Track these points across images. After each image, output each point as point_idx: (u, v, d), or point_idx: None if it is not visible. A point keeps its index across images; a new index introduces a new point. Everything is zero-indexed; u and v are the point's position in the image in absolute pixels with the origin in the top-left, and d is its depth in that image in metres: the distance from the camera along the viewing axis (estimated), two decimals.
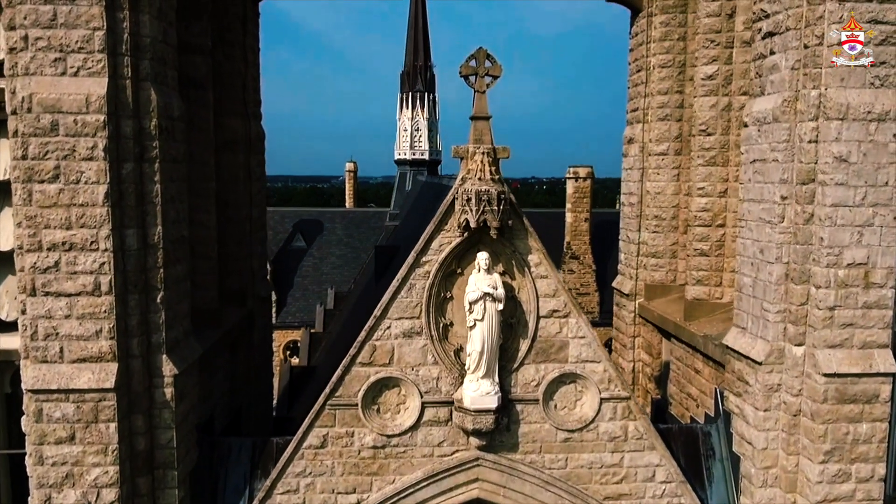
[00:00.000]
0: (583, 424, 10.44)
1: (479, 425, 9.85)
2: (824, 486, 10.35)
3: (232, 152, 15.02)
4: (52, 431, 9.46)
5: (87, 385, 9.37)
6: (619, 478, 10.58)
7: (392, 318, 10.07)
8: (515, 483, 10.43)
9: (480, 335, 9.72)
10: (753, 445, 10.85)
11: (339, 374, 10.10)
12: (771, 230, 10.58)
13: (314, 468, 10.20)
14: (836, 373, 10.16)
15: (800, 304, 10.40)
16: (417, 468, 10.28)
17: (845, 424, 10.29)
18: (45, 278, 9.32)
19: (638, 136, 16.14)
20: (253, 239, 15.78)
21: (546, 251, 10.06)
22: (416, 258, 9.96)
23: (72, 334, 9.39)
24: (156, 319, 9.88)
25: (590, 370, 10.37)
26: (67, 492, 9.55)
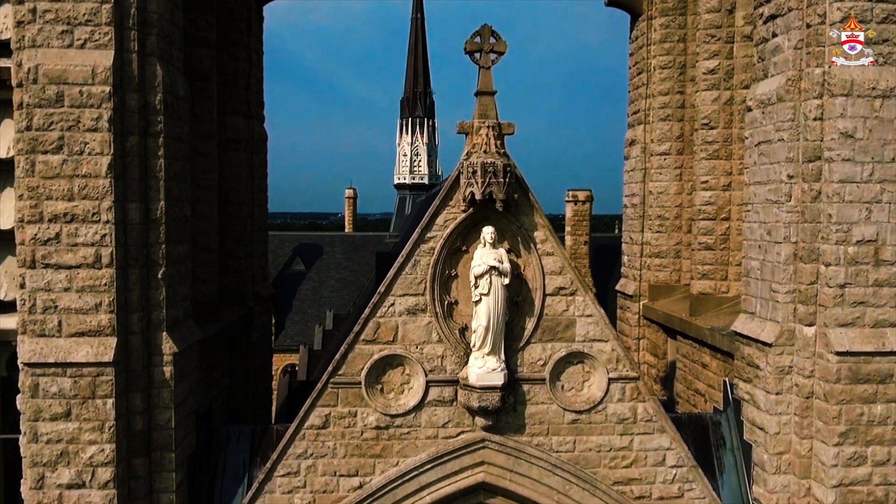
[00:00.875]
0: (591, 405, 10.20)
1: (485, 403, 9.62)
2: (839, 470, 10.08)
3: (234, 150, 15.05)
4: (47, 407, 9.22)
5: (84, 359, 9.17)
6: (628, 461, 10.30)
7: (396, 295, 9.92)
8: (522, 467, 10.15)
9: (486, 310, 9.56)
10: (765, 431, 10.59)
11: (342, 351, 9.91)
12: (778, 210, 10.51)
13: (315, 449, 9.93)
14: (848, 351, 9.98)
15: (809, 284, 10.27)
16: (422, 450, 10.01)
17: (859, 405, 10.06)
18: (46, 250, 9.19)
19: (640, 137, 16.19)
20: (254, 238, 15.70)
21: (552, 227, 9.97)
22: (421, 234, 9.85)
23: (71, 307, 9.22)
24: (156, 296, 9.72)
25: (597, 349, 10.18)
26: (62, 471, 9.27)
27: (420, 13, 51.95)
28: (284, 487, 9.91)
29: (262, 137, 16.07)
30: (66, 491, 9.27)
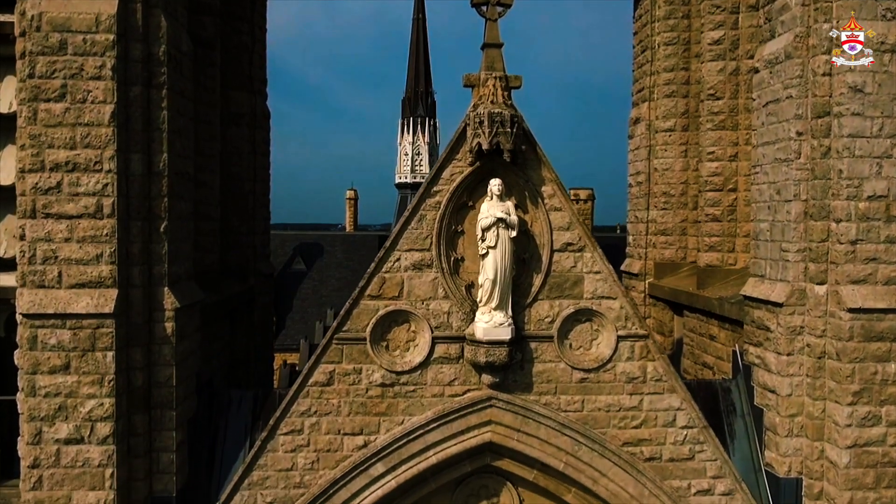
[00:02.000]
0: (599, 364, 10.02)
1: (492, 358, 9.43)
2: (853, 430, 9.88)
3: (237, 125, 14.92)
4: (45, 360, 9.04)
5: (85, 310, 9.00)
6: (638, 422, 10.10)
7: (402, 250, 9.77)
8: (530, 426, 9.95)
9: (493, 263, 9.41)
10: (777, 393, 10.41)
11: (347, 307, 9.74)
12: (787, 168, 10.40)
13: (319, 407, 9.73)
14: (861, 308, 9.82)
15: (820, 241, 10.14)
16: (427, 409, 9.81)
17: (873, 364, 9.89)
18: (47, 199, 9.05)
19: (644, 115, 16.10)
20: (256, 215, 15.56)
21: (561, 182, 9.84)
22: (427, 188, 9.72)
23: (71, 258, 9.07)
24: (158, 250, 9.57)
25: (606, 307, 10.01)
26: (60, 425, 9.07)
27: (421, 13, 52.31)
28: (287, 446, 9.70)
29: (265, 114, 15.97)
30: (64, 446, 9.07)
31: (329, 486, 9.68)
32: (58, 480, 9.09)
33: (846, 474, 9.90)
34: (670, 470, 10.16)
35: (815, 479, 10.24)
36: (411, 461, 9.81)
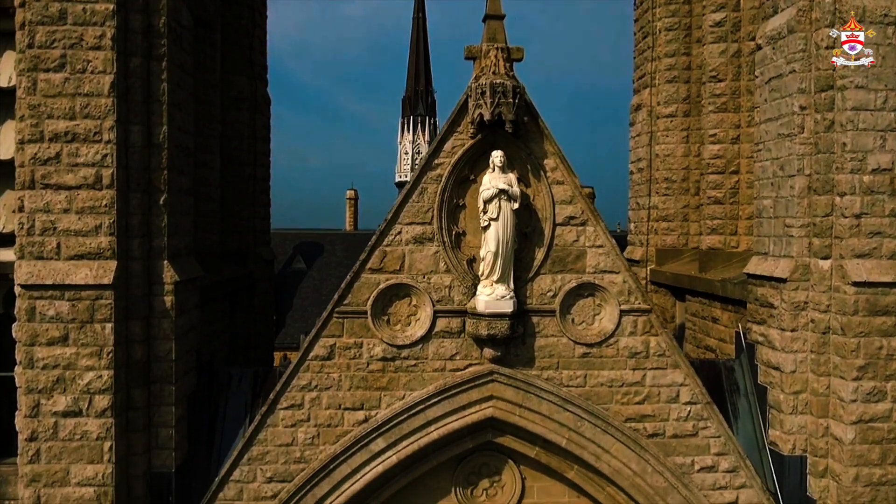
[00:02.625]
0: (602, 338, 9.93)
1: (494, 331, 9.35)
2: (859, 406, 9.79)
3: (237, 110, 14.92)
4: (44, 331, 8.96)
5: (83, 281, 8.93)
6: (641, 397, 10.01)
7: (403, 223, 9.70)
8: (532, 401, 9.86)
9: (495, 235, 9.33)
10: (781, 370, 10.32)
11: (347, 280, 9.66)
12: (791, 143, 10.34)
13: (320, 381, 9.64)
14: (866, 281, 9.74)
15: (824, 216, 10.07)
16: (429, 383, 9.72)
17: (878, 338, 9.81)
18: (46, 170, 9.00)
19: (646, 101, 16.06)
20: (256, 200, 15.53)
21: (564, 155, 9.78)
22: (428, 161, 9.66)
23: (70, 229, 9.00)
24: (158, 223, 9.51)
25: (608, 281, 9.94)
26: (58, 398, 8.98)
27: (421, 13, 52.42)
28: (288, 421, 9.61)
29: (266, 100, 15.95)
30: (62, 419, 8.98)
31: (329, 461, 9.58)
32: (56, 454, 9.00)
33: (851, 450, 9.80)
34: (673, 446, 10.06)
35: (819, 456, 10.14)
36: (412, 436, 9.72)
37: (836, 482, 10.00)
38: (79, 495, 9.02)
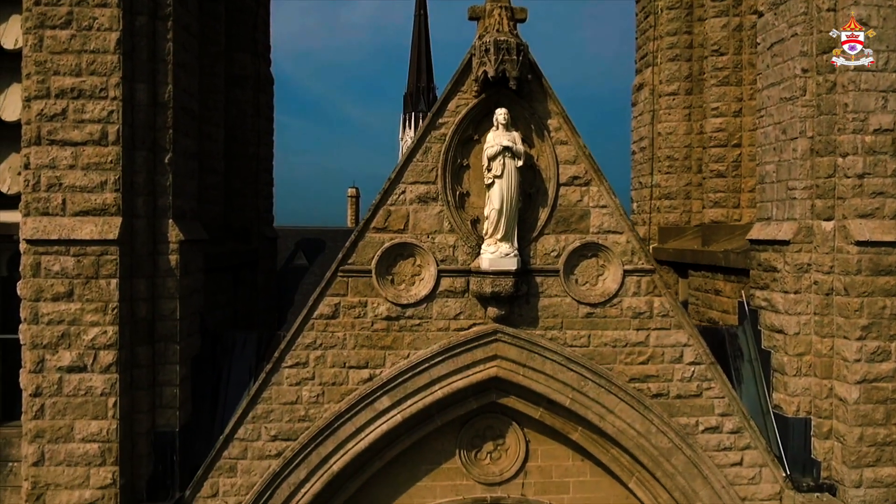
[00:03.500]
0: (606, 298, 9.94)
1: (498, 288, 9.36)
2: (863, 365, 9.79)
3: (241, 88, 14.94)
4: (49, 287, 8.98)
5: (89, 236, 8.95)
6: (644, 357, 10.01)
7: (407, 183, 9.72)
8: (536, 361, 9.86)
9: (499, 193, 9.36)
10: (784, 332, 10.33)
11: (352, 239, 9.68)
12: (793, 106, 10.38)
13: (325, 340, 9.65)
14: (869, 241, 9.77)
15: (827, 177, 10.10)
16: (433, 342, 9.72)
17: (881, 298, 9.82)
18: (52, 126, 9.03)
19: (648, 80, 16.12)
20: (259, 178, 15.55)
21: (567, 115, 9.81)
22: (432, 120, 9.70)
23: (76, 185, 9.04)
24: (163, 182, 9.54)
25: (612, 241, 9.95)
26: (62, 353, 8.99)
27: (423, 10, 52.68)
28: (292, 379, 9.61)
29: (269, 80, 15.98)
30: (66, 374, 8.98)
31: (334, 420, 9.58)
32: (60, 409, 9.00)
33: (856, 410, 9.80)
34: (678, 407, 10.05)
35: (823, 417, 10.13)
36: (417, 395, 9.71)
37: (840, 443, 9.98)
38: (83, 451, 9.01)
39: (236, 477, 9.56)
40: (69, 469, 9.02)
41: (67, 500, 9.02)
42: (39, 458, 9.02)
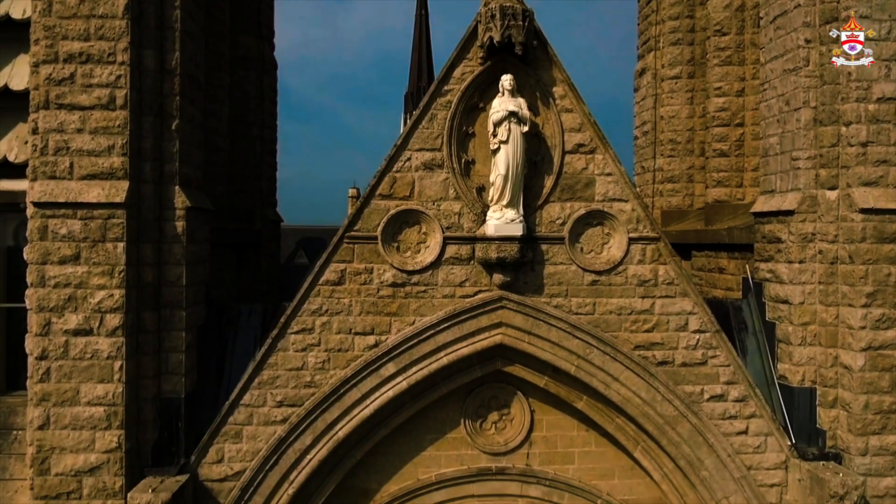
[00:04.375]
0: (611, 266, 9.96)
1: (504, 254, 9.38)
2: (868, 333, 9.80)
3: (245, 69, 15.01)
4: (56, 250, 9.00)
5: (96, 199, 8.97)
6: (650, 325, 10.02)
7: (412, 150, 9.76)
8: (541, 328, 9.87)
9: (505, 158, 9.40)
10: (789, 302, 10.35)
11: (357, 205, 9.71)
12: (796, 77, 10.43)
13: (331, 306, 9.66)
14: (873, 208, 9.80)
15: (830, 146, 10.14)
16: (439, 309, 9.73)
17: (886, 266, 9.84)
18: (60, 90, 9.07)
19: (650, 65, 16.20)
20: (263, 161, 15.59)
21: (572, 82, 9.86)
22: (438, 87, 9.74)
23: (83, 149, 9.07)
24: (170, 148, 9.57)
25: (617, 209, 9.98)
26: (69, 316, 8.99)
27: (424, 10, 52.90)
28: (298, 345, 9.62)
29: (273, 63, 16.08)
30: (72, 338, 8.99)
31: (339, 386, 9.58)
32: (66, 373, 9.00)
33: (861, 377, 9.80)
34: (683, 375, 10.06)
35: (829, 386, 10.13)
36: (422, 362, 9.72)
37: (845, 411, 9.98)
38: (88, 415, 9.00)
39: (242, 443, 9.55)
40: (74, 433, 9.01)
41: (73, 464, 9.01)
42: (45, 421, 9.01)
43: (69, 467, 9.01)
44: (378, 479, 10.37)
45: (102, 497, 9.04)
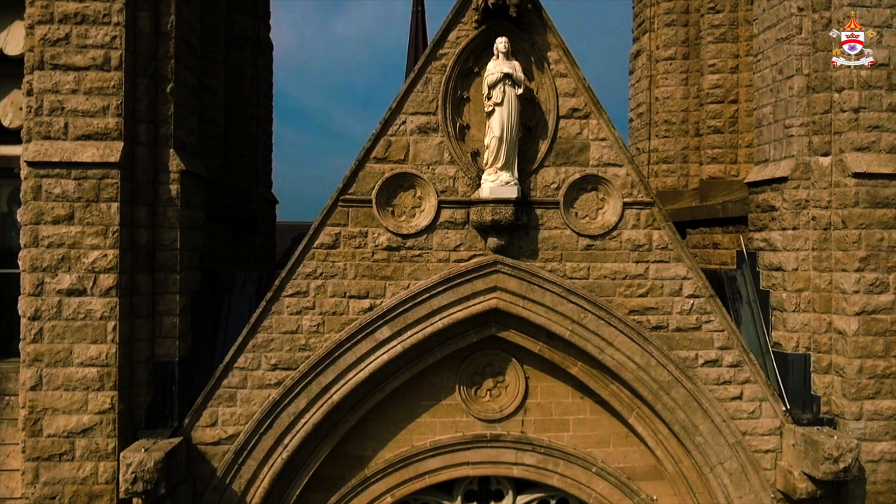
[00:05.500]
0: (605, 231, 9.97)
1: (499, 216, 9.38)
2: (861, 297, 9.84)
3: (240, 48, 15.04)
4: (49, 209, 8.98)
5: (90, 159, 8.97)
6: (644, 290, 10.03)
7: (407, 113, 9.77)
8: (535, 293, 9.87)
9: (500, 120, 9.41)
10: (783, 269, 10.38)
11: (352, 169, 9.70)
12: (789, 45, 10.49)
13: (325, 269, 9.64)
14: (865, 172, 9.86)
15: (823, 113, 10.20)
16: (433, 273, 9.73)
17: (879, 230, 9.89)
18: (55, 51, 9.07)
19: (645, 46, 16.27)
20: (258, 140, 15.60)
21: (567, 47, 9.89)
22: (433, 50, 9.76)
23: (78, 109, 9.05)
24: (164, 111, 9.57)
25: (612, 174, 10.00)
26: (62, 276, 8.97)
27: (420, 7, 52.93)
28: (293, 308, 9.60)
29: (269, 44, 16.10)
30: (66, 298, 8.96)
31: (334, 349, 9.55)
32: (59, 333, 8.96)
33: (855, 342, 9.83)
34: (677, 339, 10.06)
35: (823, 352, 10.15)
36: (417, 326, 9.70)
37: (840, 376, 10.00)
38: (81, 375, 8.97)
39: (236, 406, 9.52)
40: (67, 394, 8.98)
41: (65, 425, 8.97)
42: (37, 382, 8.97)
43: (61, 428, 8.96)
44: (373, 447, 10.34)
45: (95, 458, 9.00)
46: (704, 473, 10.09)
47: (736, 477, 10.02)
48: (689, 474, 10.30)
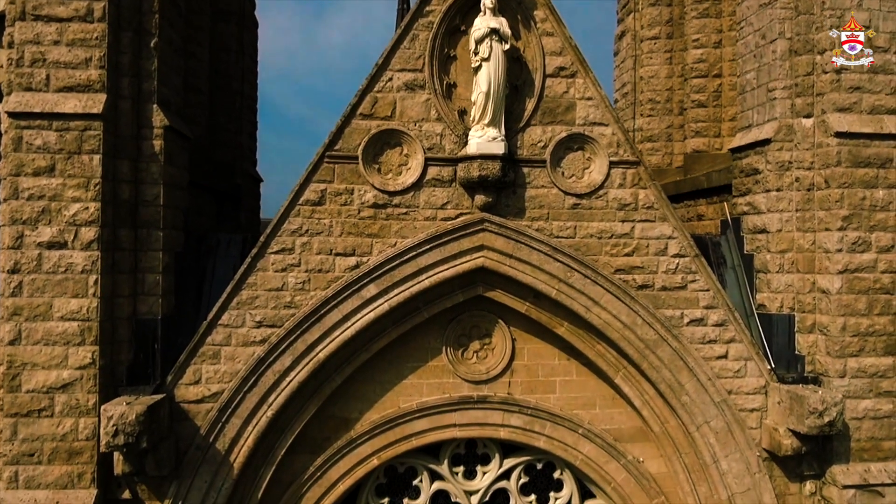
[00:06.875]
0: (591, 190, 9.98)
1: (486, 171, 9.37)
2: (844, 256, 9.93)
3: (225, 22, 14.91)
4: (30, 161, 8.84)
5: (73, 110, 8.86)
6: (630, 249, 10.05)
7: (394, 70, 9.74)
8: (522, 251, 9.85)
9: (487, 76, 9.41)
10: (767, 231, 10.46)
11: (338, 125, 9.65)
12: (772, 10, 10.61)
13: (311, 226, 9.57)
14: (848, 132, 9.97)
15: (805, 75, 10.31)
16: (420, 231, 9.69)
17: (861, 189, 10.00)
18: (37, 2, 8.95)
19: (629, 27, 16.37)
20: (243, 116, 15.49)
21: (553, 6, 9.92)
22: (419, 8, 9.75)
23: (60, 61, 8.94)
24: (148, 66, 9.48)
25: (598, 133, 10.03)
26: (42, 229, 8.83)
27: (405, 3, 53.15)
28: (278, 265, 9.51)
29: (254, 21, 16.03)
30: (46, 251, 8.82)
31: (320, 306, 9.47)
32: (39, 286, 8.81)
33: (838, 300, 9.91)
34: (663, 299, 10.09)
35: (807, 311, 10.23)
36: (404, 284, 9.64)
37: (824, 335, 10.07)
38: (62, 330, 8.82)
39: (220, 363, 9.40)
40: (47, 348, 8.82)
41: (45, 380, 8.80)
42: (16, 336, 8.80)
43: (41, 384, 8.80)
44: (359, 408, 10.25)
45: (75, 414, 8.84)
46: (690, 432, 10.10)
47: (722, 435, 10.04)
48: (675, 434, 10.30)
